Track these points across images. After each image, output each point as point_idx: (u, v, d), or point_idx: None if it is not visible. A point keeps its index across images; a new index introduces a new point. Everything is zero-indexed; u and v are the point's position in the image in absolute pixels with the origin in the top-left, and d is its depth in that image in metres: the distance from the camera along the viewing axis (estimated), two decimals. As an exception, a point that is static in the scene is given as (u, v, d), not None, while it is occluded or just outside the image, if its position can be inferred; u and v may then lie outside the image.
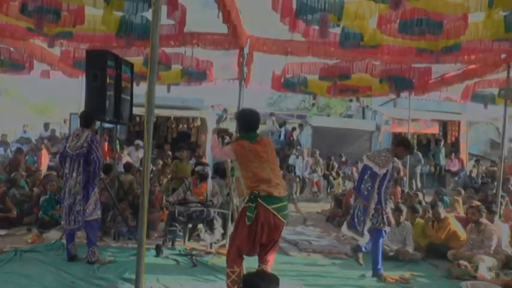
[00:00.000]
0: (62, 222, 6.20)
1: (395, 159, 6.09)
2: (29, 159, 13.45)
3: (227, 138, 4.98)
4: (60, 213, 6.41)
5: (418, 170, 14.97)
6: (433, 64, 8.49)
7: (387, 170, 5.86)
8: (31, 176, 10.56)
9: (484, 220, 6.92)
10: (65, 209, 5.98)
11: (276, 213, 4.23)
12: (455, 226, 7.49)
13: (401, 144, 6.20)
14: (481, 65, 8.46)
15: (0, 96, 33.05)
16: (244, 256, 4.41)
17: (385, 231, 6.05)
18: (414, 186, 14.09)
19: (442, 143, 16.47)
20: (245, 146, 4.34)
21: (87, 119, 6.18)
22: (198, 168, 7.53)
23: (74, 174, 5.92)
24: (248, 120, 4.56)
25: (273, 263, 4.56)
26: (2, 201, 8.26)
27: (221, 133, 5.03)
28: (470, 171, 15.88)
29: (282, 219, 4.30)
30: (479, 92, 10.25)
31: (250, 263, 4.58)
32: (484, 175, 15.51)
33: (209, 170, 7.66)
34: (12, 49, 9.33)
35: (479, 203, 8.25)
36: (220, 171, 8.15)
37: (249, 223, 4.17)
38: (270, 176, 4.30)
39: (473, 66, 8.80)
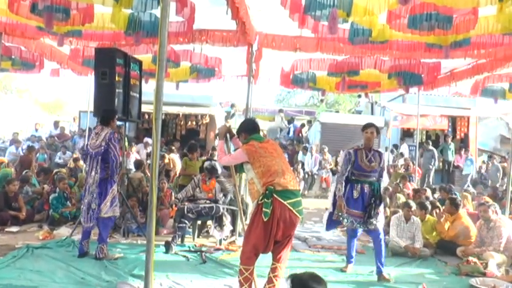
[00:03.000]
0: (82, 220, 6.23)
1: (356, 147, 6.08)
2: (39, 157, 13.57)
3: (231, 146, 4.95)
4: (82, 210, 6.35)
5: (432, 166, 14.88)
6: (442, 59, 8.43)
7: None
8: (42, 174, 10.66)
9: (494, 217, 6.87)
10: (85, 206, 6.05)
11: (291, 208, 4.20)
12: (468, 222, 7.44)
13: None
14: (491, 59, 8.37)
15: (11, 94, 33.38)
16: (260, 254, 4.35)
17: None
18: (426, 183, 14.00)
19: (451, 138, 16.35)
20: (255, 145, 4.43)
21: (106, 117, 6.18)
22: (206, 164, 7.56)
23: (93, 173, 5.99)
24: (249, 125, 4.78)
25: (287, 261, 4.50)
26: (15, 199, 8.36)
27: (225, 133, 4.95)
28: (480, 167, 15.76)
29: (298, 215, 4.28)
30: (489, 86, 10.13)
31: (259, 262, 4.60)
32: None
33: (218, 167, 7.66)
34: (23, 48, 9.40)
35: (489, 200, 8.19)
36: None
37: (266, 219, 4.13)
38: (283, 168, 4.33)
39: (483, 60, 8.73)
